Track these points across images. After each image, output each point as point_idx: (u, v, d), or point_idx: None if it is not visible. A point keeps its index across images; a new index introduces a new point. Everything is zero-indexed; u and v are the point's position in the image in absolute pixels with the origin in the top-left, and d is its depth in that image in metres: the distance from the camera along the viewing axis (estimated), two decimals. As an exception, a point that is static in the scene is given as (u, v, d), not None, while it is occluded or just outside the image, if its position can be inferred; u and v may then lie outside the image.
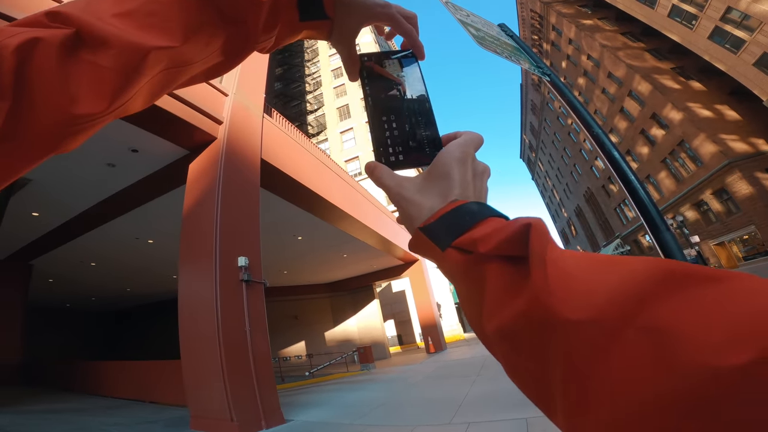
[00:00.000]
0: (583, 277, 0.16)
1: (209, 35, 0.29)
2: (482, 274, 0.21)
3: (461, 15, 1.55)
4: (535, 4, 34.62)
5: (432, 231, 0.25)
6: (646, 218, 1.06)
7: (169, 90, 0.31)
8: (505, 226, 0.21)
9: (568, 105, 1.51)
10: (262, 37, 0.33)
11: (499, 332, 0.18)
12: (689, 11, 20.39)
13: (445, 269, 0.25)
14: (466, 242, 0.22)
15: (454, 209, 0.25)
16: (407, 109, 0.35)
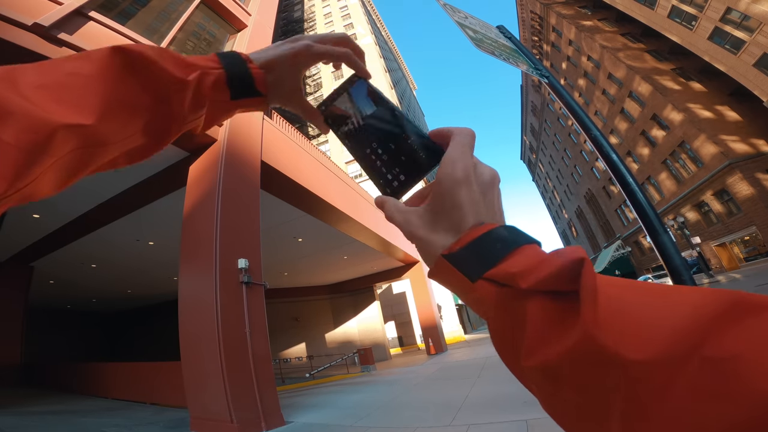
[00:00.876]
0: (636, 312, 0.16)
1: (128, 114, 0.27)
2: (521, 310, 0.20)
3: (459, 17, 1.56)
4: (535, 5, 34.70)
5: (459, 259, 0.24)
6: (644, 220, 1.05)
7: (84, 173, 0.28)
8: (547, 259, 0.20)
9: (566, 107, 1.51)
10: (190, 117, 0.32)
11: (543, 369, 0.18)
12: (689, 12, 20.42)
13: (472, 300, 0.24)
14: (503, 275, 0.21)
15: (482, 236, 0.24)
16: (382, 130, 0.34)
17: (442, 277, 0.25)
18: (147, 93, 0.28)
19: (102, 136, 0.26)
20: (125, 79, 0.27)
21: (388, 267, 15.13)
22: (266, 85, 0.36)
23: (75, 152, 0.25)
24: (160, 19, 5.96)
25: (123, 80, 0.27)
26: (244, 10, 7.73)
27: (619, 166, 1.16)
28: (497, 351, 0.23)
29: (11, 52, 3.54)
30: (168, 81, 0.29)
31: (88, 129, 0.25)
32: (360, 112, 0.36)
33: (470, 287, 0.23)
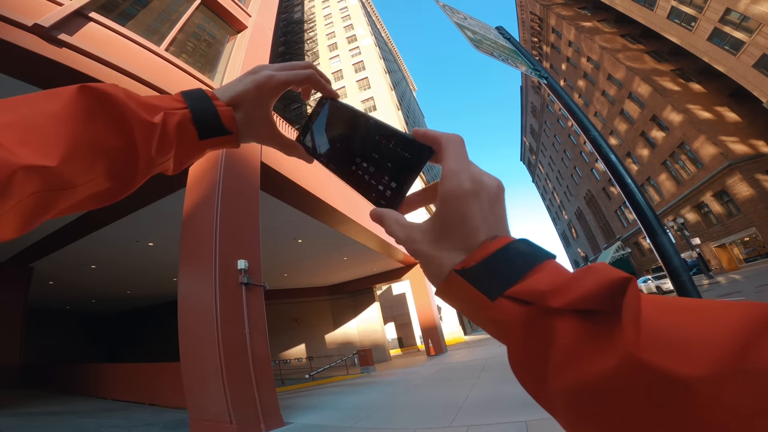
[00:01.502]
0: (682, 328, 0.16)
1: (94, 156, 0.26)
2: (550, 329, 0.19)
3: (458, 18, 1.56)
4: (535, 6, 34.78)
5: (475, 275, 0.22)
6: (643, 221, 1.05)
7: (47, 216, 0.27)
8: (578, 277, 0.20)
9: (565, 108, 1.51)
10: (158, 160, 0.31)
11: (576, 390, 0.17)
12: (688, 13, 20.46)
13: (487, 318, 0.22)
14: (529, 293, 0.20)
15: (499, 250, 0.23)
16: (362, 142, 0.33)
17: (453, 294, 0.24)
18: (114, 134, 0.27)
19: (66, 178, 0.25)
20: (92, 119, 0.26)
21: (388, 268, 15.12)
22: (234, 123, 0.35)
23: (37, 195, 0.24)
24: (160, 20, 5.97)
25: (90, 121, 0.26)
26: (244, 11, 7.74)
27: (618, 168, 1.16)
28: (516, 372, 0.21)
29: (12, 53, 3.55)
30: (134, 122, 0.28)
31: (52, 171, 0.23)
32: (336, 132, 0.36)
33: (488, 305, 0.22)
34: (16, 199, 0.22)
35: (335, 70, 32.01)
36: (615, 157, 1.20)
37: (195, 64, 6.12)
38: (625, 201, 1.34)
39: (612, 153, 1.21)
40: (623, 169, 1.15)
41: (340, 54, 33.13)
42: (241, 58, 6.85)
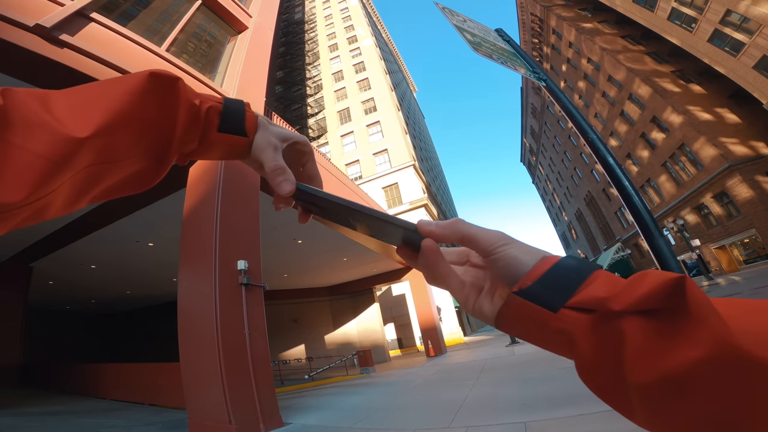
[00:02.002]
0: (749, 320, 0.17)
1: (139, 132, 0.30)
2: (617, 330, 0.20)
3: (457, 20, 1.56)
4: (536, 7, 34.81)
5: (534, 293, 0.24)
6: (640, 224, 1.06)
7: (91, 195, 0.29)
8: (634, 282, 0.21)
9: (563, 110, 1.52)
10: (186, 139, 0.34)
11: (664, 382, 0.18)
12: (689, 14, 20.48)
13: (552, 330, 0.24)
14: (589, 301, 0.22)
15: (552, 268, 0.25)
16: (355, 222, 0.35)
17: (514, 315, 0.26)
18: (164, 112, 0.31)
19: (116, 150, 0.28)
20: (149, 97, 0.30)
21: (388, 269, 15.11)
22: (255, 129, 0.37)
23: (89, 168, 0.26)
24: (161, 20, 5.98)
25: (145, 99, 0.30)
26: (244, 12, 7.76)
27: (616, 170, 1.17)
28: (587, 377, 0.22)
29: (13, 54, 3.56)
30: (183, 103, 0.32)
31: (107, 142, 0.26)
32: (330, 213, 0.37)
33: (551, 318, 0.23)
34: (74, 170, 0.25)
35: (335, 71, 32.02)
36: (613, 159, 1.20)
37: (196, 64, 6.13)
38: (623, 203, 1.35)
39: (610, 155, 1.21)
40: (621, 172, 1.15)
41: (341, 55, 33.15)
42: (241, 58, 6.86)
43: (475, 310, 0.30)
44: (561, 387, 4.47)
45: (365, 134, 26.61)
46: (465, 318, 30.06)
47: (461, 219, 0.31)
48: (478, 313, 0.29)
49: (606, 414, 3.09)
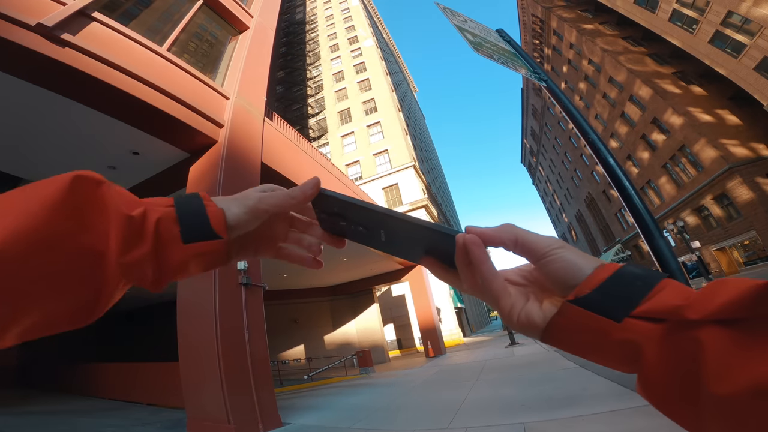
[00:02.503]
0: None
1: (53, 256, 0.22)
2: (695, 340, 0.19)
3: (458, 20, 1.56)
4: (537, 8, 34.84)
5: (594, 302, 0.23)
6: (640, 225, 1.06)
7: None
8: (714, 290, 0.20)
9: (564, 111, 1.52)
10: (127, 259, 0.25)
11: (752, 391, 0.17)
12: (690, 15, 20.50)
13: (616, 342, 0.22)
14: (662, 310, 0.21)
15: (614, 275, 0.23)
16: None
17: (568, 327, 0.24)
18: (84, 227, 0.24)
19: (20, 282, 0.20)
20: (65, 209, 0.23)
21: (388, 270, 15.10)
22: (225, 227, 0.30)
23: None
24: (162, 20, 5.99)
25: (60, 210, 0.23)
26: (246, 12, 7.76)
27: (616, 171, 1.17)
28: (651, 389, 0.21)
29: (15, 53, 3.56)
30: (112, 215, 0.25)
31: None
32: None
33: (614, 328, 0.22)
34: None
35: (336, 71, 32.04)
36: (613, 160, 1.20)
37: (197, 64, 6.13)
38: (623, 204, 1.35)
39: (610, 156, 1.21)
40: (621, 173, 1.15)
41: (342, 55, 33.19)
42: (242, 58, 6.87)
43: (520, 320, 0.27)
44: (560, 388, 4.46)
45: (366, 135, 26.62)
46: (464, 319, 30.04)
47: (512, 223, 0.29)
48: (525, 321, 0.26)
49: (605, 415, 3.08)
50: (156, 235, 0.27)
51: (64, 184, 0.23)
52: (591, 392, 3.98)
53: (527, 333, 0.27)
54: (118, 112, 4.62)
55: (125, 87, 4.34)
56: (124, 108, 4.57)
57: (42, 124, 4.65)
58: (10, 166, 5.34)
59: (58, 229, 0.22)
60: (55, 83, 4.05)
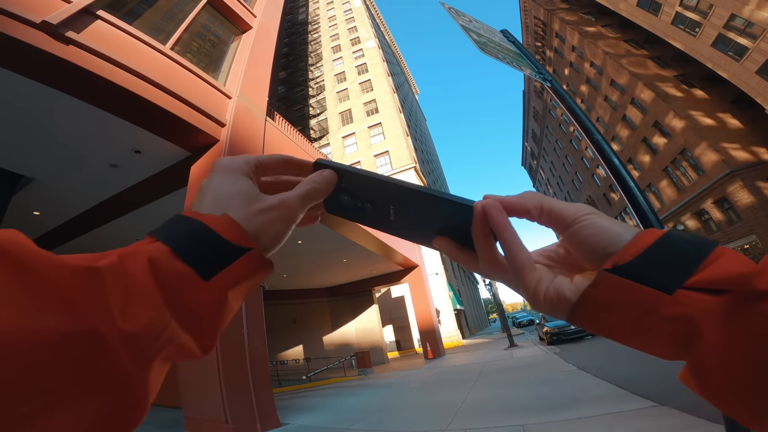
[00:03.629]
0: None
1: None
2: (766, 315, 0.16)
3: (464, 21, 1.57)
4: (539, 11, 34.90)
5: (639, 270, 0.19)
6: (644, 226, 1.05)
7: None
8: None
9: (568, 111, 1.52)
10: (132, 327, 0.17)
11: None
12: (693, 18, 20.51)
13: (664, 318, 0.18)
14: (722, 279, 0.17)
15: (661, 239, 0.20)
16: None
17: (604, 301, 0.20)
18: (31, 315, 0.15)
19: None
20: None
21: (388, 271, 15.09)
22: (244, 232, 0.23)
23: None
24: (166, 19, 6.01)
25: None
26: (249, 12, 7.79)
27: (621, 171, 1.16)
28: (707, 377, 0.18)
29: (19, 50, 3.57)
30: (59, 277, 0.16)
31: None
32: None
33: (664, 301, 0.18)
34: None
35: (338, 72, 32.10)
36: (618, 160, 1.20)
37: (200, 63, 6.15)
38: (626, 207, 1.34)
39: (615, 156, 1.21)
40: (626, 173, 1.15)
41: (344, 56, 33.26)
42: (245, 58, 6.89)
43: (548, 296, 0.22)
44: (559, 390, 4.45)
45: (367, 136, 26.65)
46: (464, 321, 29.98)
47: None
48: (553, 296, 0.22)
49: (605, 417, 3.07)
50: (158, 280, 0.19)
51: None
52: (590, 394, 3.96)
53: (555, 312, 0.22)
54: (120, 110, 4.63)
55: (128, 85, 4.35)
56: (127, 106, 4.58)
57: (44, 122, 4.66)
58: (11, 163, 5.35)
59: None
60: (58, 81, 4.06)
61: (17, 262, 0.15)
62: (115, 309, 0.16)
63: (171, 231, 0.21)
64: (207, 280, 0.20)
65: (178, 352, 0.20)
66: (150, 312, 0.18)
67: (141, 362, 0.17)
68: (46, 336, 0.14)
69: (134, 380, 0.16)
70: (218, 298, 0.21)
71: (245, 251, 0.22)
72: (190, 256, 0.20)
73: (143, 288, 0.18)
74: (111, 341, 0.16)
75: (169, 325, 0.18)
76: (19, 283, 0.14)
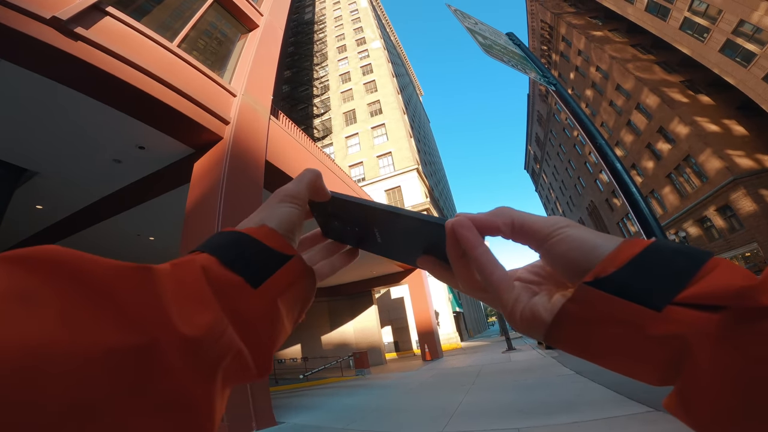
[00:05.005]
0: None
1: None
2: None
3: (469, 23, 1.57)
4: (546, 14, 34.87)
5: (623, 283, 0.17)
6: (646, 231, 1.05)
7: None
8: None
9: (572, 115, 1.52)
10: (194, 331, 0.16)
11: None
12: (701, 24, 20.45)
13: (654, 337, 0.16)
14: (719, 293, 0.15)
15: (647, 250, 0.18)
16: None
17: (583, 319, 0.18)
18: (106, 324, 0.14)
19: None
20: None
21: (388, 272, 15.09)
22: (284, 240, 0.24)
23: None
24: (174, 16, 6.05)
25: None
26: (256, 11, 7.82)
27: (623, 176, 1.16)
28: (701, 408, 0.15)
29: (28, 46, 3.60)
30: (113, 284, 0.15)
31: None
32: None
33: (651, 320, 0.16)
34: None
35: (343, 72, 32.16)
36: (620, 165, 1.20)
37: (206, 61, 6.18)
38: (628, 213, 1.34)
39: (618, 161, 1.21)
40: (628, 179, 1.15)
41: (349, 56, 33.34)
42: (251, 57, 6.92)
43: (523, 317, 0.21)
44: (556, 394, 4.44)
45: (370, 136, 26.68)
46: (462, 323, 29.93)
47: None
48: (528, 317, 0.21)
49: (601, 422, 3.06)
50: (212, 287, 0.18)
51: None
52: (587, 399, 3.96)
53: (531, 333, 0.21)
54: (126, 107, 4.66)
55: (134, 82, 4.38)
56: (133, 102, 4.61)
57: (49, 116, 4.70)
58: (16, 157, 5.39)
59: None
60: (65, 76, 4.09)
61: (71, 270, 0.14)
62: (174, 313, 0.16)
63: (215, 243, 0.22)
64: (256, 288, 0.20)
65: (236, 369, 0.19)
66: (209, 315, 0.17)
67: (203, 373, 0.16)
68: (99, 349, 0.13)
69: (197, 397, 0.15)
70: (269, 306, 0.21)
71: (289, 258, 0.23)
72: (237, 265, 0.20)
73: (200, 293, 0.18)
74: (169, 353, 0.15)
75: (227, 331, 0.18)
76: (74, 292, 0.14)
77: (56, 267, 0.14)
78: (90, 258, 0.15)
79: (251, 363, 0.19)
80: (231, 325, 0.18)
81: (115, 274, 0.15)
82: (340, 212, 0.31)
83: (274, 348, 0.21)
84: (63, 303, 0.13)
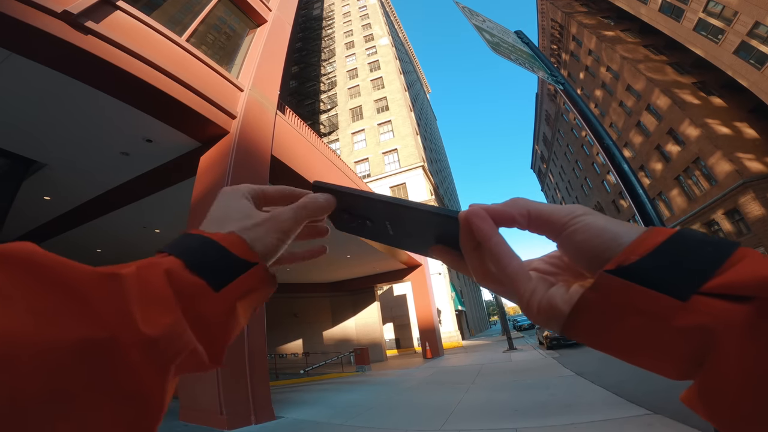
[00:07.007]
0: None
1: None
2: None
3: (477, 20, 1.55)
4: (557, 14, 34.39)
5: (647, 272, 0.16)
6: (652, 234, 1.04)
7: None
8: None
9: (580, 115, 1.50)
10: (151, 329, 0.18)
11: None
12: (716, 25, 20.03)
13: (672, 328, 0.16)
14: (748, 283, 0.14)
15: (672, 238, 0.17)
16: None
17: (604, 309, 0.17)
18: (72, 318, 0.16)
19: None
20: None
21: (391, 269, 15.11)
22: (249, 248, 0.24)
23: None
24: (183, 11, 6.07)
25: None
26: (265, 6, 7.82)
27: (630, 178, 1.15)
28: (724, 404, 0.14)
29: (40, 39, 3.64)
30: (78, 282, 0.17)
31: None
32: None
33: (676, 310, 0.15)
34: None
35: (350, 68, 32.09)
36: (628, 167, 1.19)
37: (214, 56, 6.20)
38: (635, 214, 1.33)
39: (625, 163, 1.20)
40: (635, 180, 1.14)
41: (356, 53, 33.23)
42: (258, 52, 6.93)
43: (540, 308, 0.20)
44: (555, 395, 4.43)
45: (376, 133, 26.63)
46: (464, 322, 29.91)
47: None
48: (545, 308, 0.20)
49: (598, 424, 3.05)
50: (174, 289, 0.20)
51: None
52: (585, 400, 3.94)
53: (549, 324, 0.20)
54: (134, 100, 4.70)
55: (143, 75, 4.41)
56: (141, 96, 4.64)
57: (58, 109, 4.75)
58: (24, 148, 5.47)
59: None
60: (75, 69, 4.13)
61: (43, 270, 0.16)
62: (137, 314, 0.17)
63: (182, 246, 0.23)
64: (217, 291, 0.21)
65: (190, 362, 0.20)
66: (169, 317, 0.19)
67: (159, 368, 0.17)
68: (65, 341, 0.14)
69: (151, 388, 0.17)
70: (227, 309, 0.22)
71: (252, 265, 0.24)
72: (201, 269, 0.21)
73: (162, 295, 0.19)
74: (130, 349, 0.16)
75: (185, 332, 0.19)
76: (44, 290, 0.15)
77: (28, 265, 0.15)
78: (61, 260, 0.17)
79: (205, 358, 0.21)
80: (189, 326, 0.19)
81: (83, 277, 0.17)
82: (349, 206, 0.32)
83: (228, 343, 0.23)
84: (32, 299, 0.14)
